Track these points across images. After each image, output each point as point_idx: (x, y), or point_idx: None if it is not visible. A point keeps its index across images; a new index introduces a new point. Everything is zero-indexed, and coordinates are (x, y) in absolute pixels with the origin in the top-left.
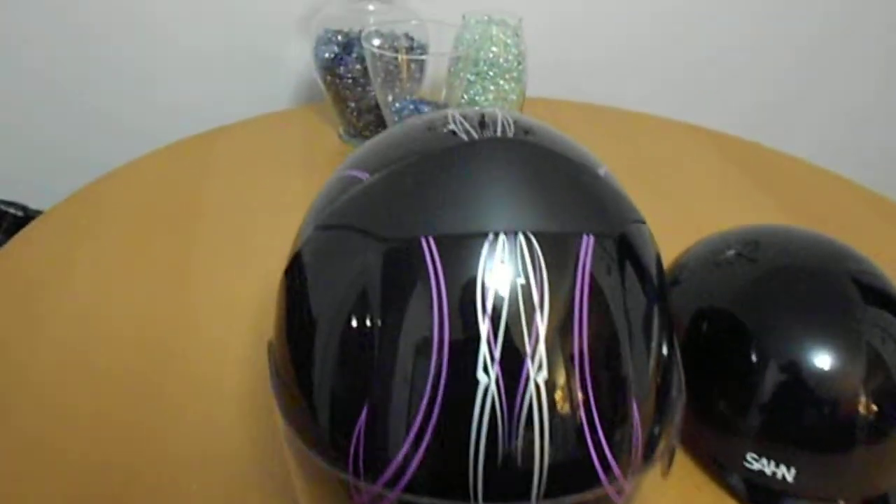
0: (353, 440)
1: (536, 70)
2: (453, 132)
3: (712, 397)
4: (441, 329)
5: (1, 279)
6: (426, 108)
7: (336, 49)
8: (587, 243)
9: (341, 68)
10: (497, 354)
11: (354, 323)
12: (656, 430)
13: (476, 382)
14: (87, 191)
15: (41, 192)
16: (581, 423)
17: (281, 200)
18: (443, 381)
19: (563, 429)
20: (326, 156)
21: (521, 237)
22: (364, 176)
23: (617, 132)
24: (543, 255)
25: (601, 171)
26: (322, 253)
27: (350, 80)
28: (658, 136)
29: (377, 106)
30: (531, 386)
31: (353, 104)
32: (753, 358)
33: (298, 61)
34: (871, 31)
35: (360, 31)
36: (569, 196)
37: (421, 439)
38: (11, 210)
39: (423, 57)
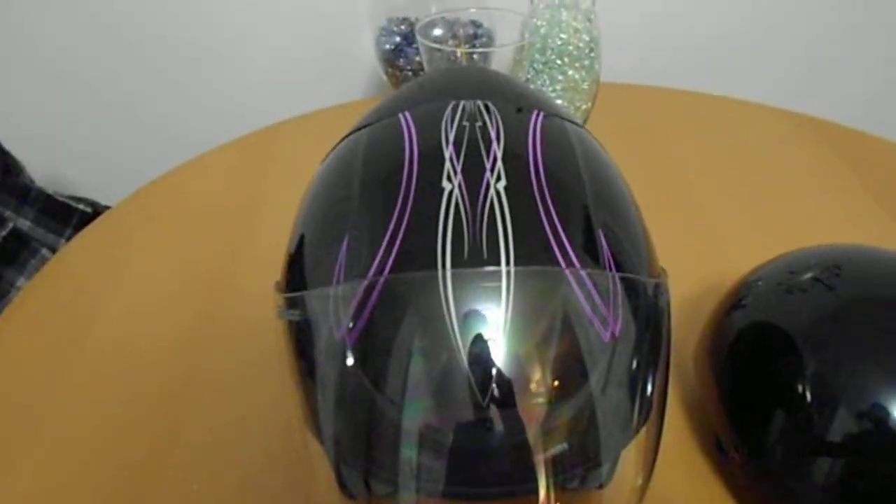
0: (337, 262)
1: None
2: None
3: (765, 441)
4: (411, 153)
5: (63, 274)
6: None
7: (397, 40)
8: (537, 114)
9: (401, 60)
10: (459, 168)
11: (340, 176)
12: (622, 248)
13: (441, 189)
14: (153, 187)
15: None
16: (540, 219)
17: None
18: (413, 190)
19: (524, 225)
20: None
21: (479, 103)
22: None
23: (698, 121)
24: (499, 112)
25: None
26: (327, 161)
27: (410, 73)
28: (755, 127)
29: None
30: (492, 191)
31: None
32: (814, 400)
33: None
34: None
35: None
36: (525, 95)
37: (393, 243)
38: (81, 206)
39: (482, 50)
